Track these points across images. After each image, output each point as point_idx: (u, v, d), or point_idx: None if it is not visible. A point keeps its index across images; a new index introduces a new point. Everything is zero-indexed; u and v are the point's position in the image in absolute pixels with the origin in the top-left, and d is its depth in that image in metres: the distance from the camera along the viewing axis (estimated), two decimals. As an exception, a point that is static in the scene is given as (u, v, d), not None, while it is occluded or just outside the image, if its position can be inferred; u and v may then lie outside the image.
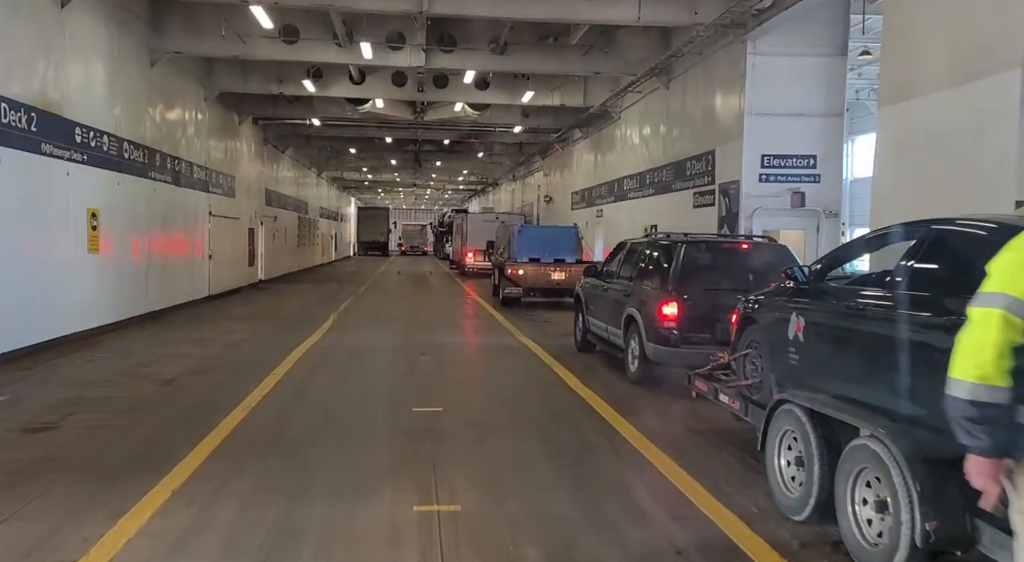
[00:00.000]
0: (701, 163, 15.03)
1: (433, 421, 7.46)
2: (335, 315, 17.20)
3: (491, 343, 14.14)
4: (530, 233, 22.32)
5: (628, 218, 20.16)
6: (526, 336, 14.54)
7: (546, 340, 13.99)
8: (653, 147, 18.43)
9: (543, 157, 32.95)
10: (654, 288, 9.40)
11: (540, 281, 20.05)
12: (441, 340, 14.08)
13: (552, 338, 14.25)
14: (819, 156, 13.13)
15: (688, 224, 14.70)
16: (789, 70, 13.00)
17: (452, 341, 14.46)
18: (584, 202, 25.56)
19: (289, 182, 34.01)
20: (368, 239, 65.28)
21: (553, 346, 13.03)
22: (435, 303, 22.59)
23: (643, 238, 11.59)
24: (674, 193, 16.67)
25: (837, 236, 13.13)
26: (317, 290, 26.04)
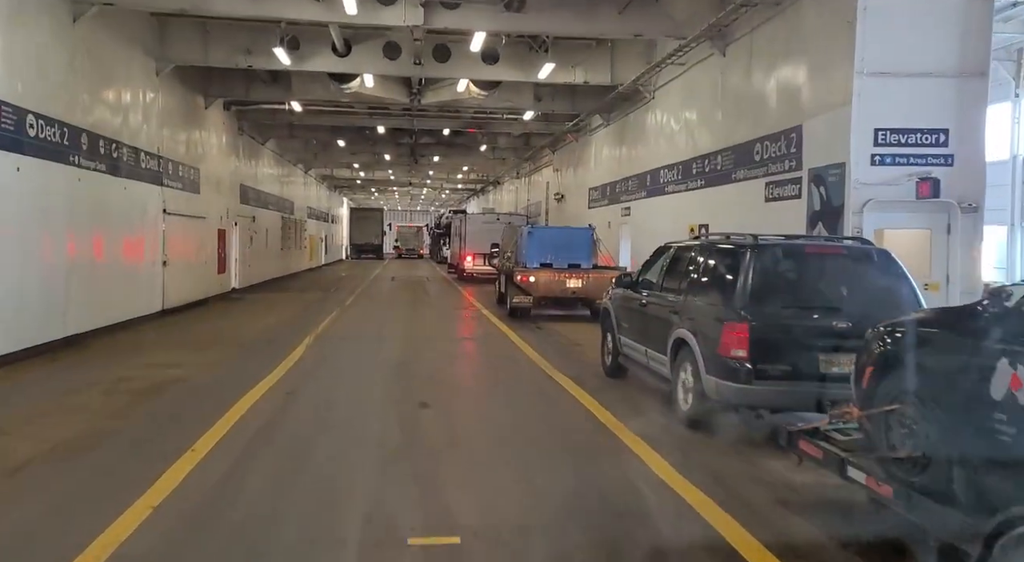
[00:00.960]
0: (779, 144, 11.69)
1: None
2: (311, 337, 13.83)
3: (508, 375, 10.92)
4: (542, 235, 19.38)
5: (666, 216, 16.83)
6: (545, 358, 12.01)
7: (567, 362, 11.72)
8: (702, 130, 15.09)
9: (553, 151, 29.63)
10: (715, 306, 7.47)
11: (554, 289, 17.56)
12: (445, 375, 10.80)
13: (574, 359, 12.07)
14: (952, 130, 9.80)
15: (757, 222, 11.38)
16: (913, 14, 9.68)
17: (460, 376, 11.11)
18: (605, 199, 22.23)
19: (271, 179, 30.62)
20: (361, 241, 62.08)
21: (578, 371, 10.68)
22: (434, 317, 19.22)
23: (692, 241, 9.72)
24: (734, 184, 13.34)
25: (976, 237, 9.81)
26: (298, 301, 22.65)
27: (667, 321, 8.07)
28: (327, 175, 45.82)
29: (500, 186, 47.68)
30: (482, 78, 18.46)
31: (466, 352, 13.37)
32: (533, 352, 12.70)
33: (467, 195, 63.14)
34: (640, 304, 9.04)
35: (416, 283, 32.67)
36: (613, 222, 21.23)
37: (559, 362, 11.51)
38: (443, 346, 13.70)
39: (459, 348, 13.78)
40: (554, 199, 29.49)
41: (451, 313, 20.84)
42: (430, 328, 16.40)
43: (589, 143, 24.47)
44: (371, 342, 13.75)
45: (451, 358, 12.29)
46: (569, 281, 17.66)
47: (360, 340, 14.16)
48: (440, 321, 18.32)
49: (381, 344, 13.53)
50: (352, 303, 21.94)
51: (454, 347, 13.87)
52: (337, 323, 16.54)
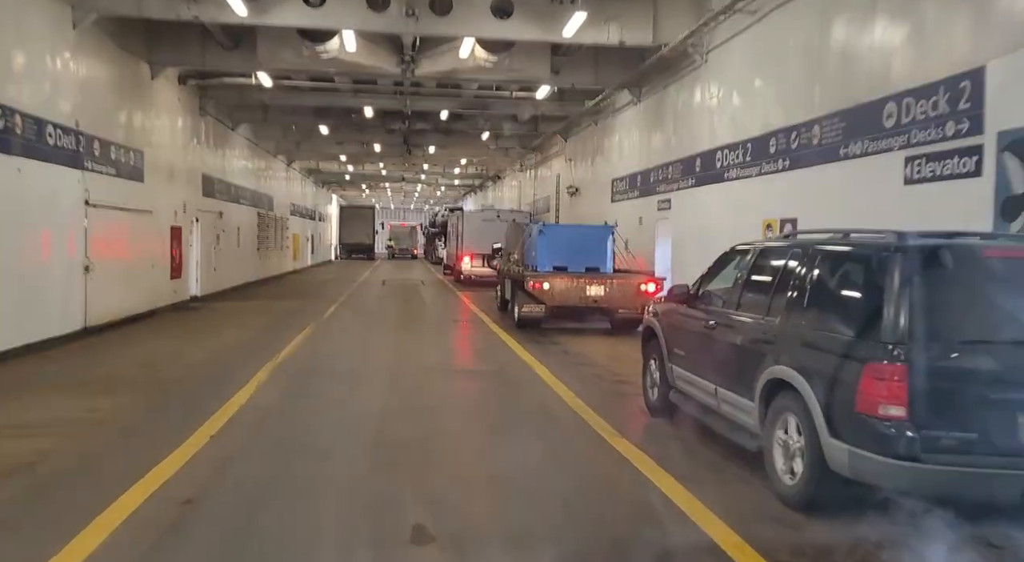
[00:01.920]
0: (933, 101, 8.09)
1: None
2: (267, 371, 10.22)
3: (549, 449, 7.04)
4: (555, 234, 16.53)
5: (725, 209, 13.28)
6: (570, 388, 9.53)
7: (594, 392, 9.41)
8: (785, 95, 11.50)
9: (566, 138, 26.02)
10: (844, 336, 5.07)
11: (572, 298, 14.97)
12: (453, 449, 7.11)
13: (603, 388, 9.83)
14: None
15: (888, 214, 7.88)
16: None
17: (475, 452, 7.27)
18: (634, 191, 18.62)
19: (244, 170, 26.94)
20: (351, 241, 58.52)
21: (612, 408, 8.45)
22: (431, 335, 15.56)
23: (781, 240, 7.39)
24: (842, 163, 9.75)
25: None
26: (269, 311, 18.99)
27: (754, 353, 5.89)
28: (313, 169, 42.14)
29: (501, 181, 44.06)
30: (491, 37, 14.83)
31: (478, 398, 9.68)
32: (552, 377, 9.98)
33: (464, 192, 59.52)
34: (705, 326, 6.78)
35: (409, 288, 29.04)
36: (647, 218, 17.63)
37: (586, 391, 9.13)
38: (445, 386, 10.07)
39: (467, 389, 10.12)
40: (566, 193, 25.88)
41: (451, 328, 17.23)
42: (427, 353, 12.77)
43: (612, 127, 20.87)
44: (345, 380, 10.10)
45: (459, 413, 8.63)
46: (590, 288, 15.01)
47: (331, 376, 10.51)
48: (438, 341, 14.69)
49: (358, 385, 9.87)
50: (333, 314, 18.29)
51: (460, 387, 10.21)
52: (307, 345, 12.90)
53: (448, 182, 51.42)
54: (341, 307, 20.43)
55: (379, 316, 18.58)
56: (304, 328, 14.95)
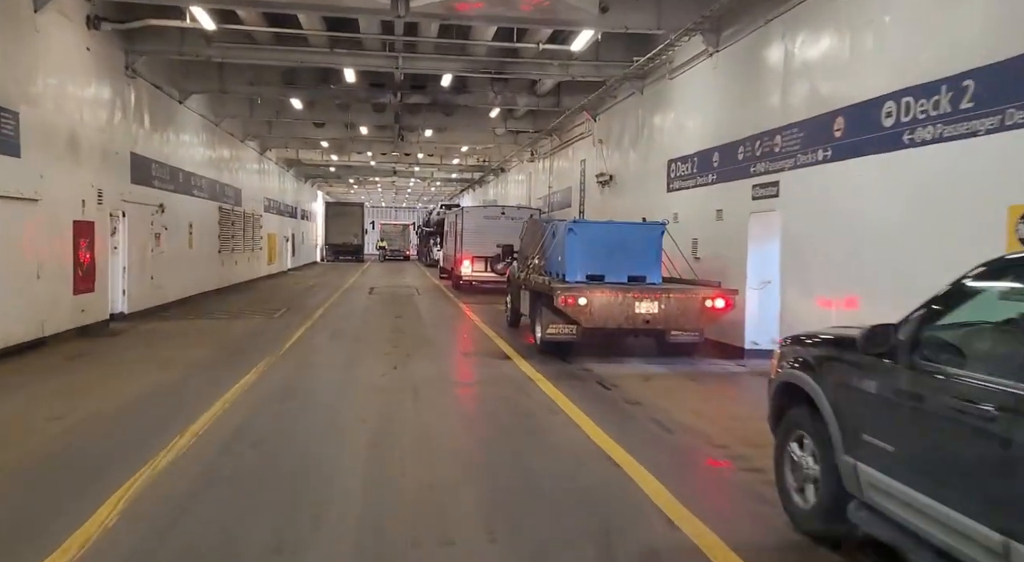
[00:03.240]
0: None
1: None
2: (134, 490, 5.25)
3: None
4: (591, 234, 12.72)
5: (902, 192, 8.41)
6: (691, 509, 5.12)
7: (689, 480, 5.79)
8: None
9: (594, 116, 21.13)
10: None
11: (615, 317, 11.35)
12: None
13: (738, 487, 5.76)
14: None
15: None
16: None
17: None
18: (708, 174, 13.71)
19: (199, 154, 21.96)
20: (338, 241, 53.79)
21: (739, 524, 4.84)
22: (432, 379, 10.50)
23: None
24: None
25: None
26: (213, 337, 14.08)
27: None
28: (292, 160, 37.14)
29: (504, 175, 39.11)
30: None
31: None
32: (620, 451, 5.88)
33: (461, 188, 54.56)
34: (966, 412, 3.49)
35: (402, 298, 24.09)
36: (732, 210, 12.76)
37: (679, 480, 5.12)
38: (484, 521, 5.13)
39: (521, 520, 5.19)
40: (595, 183, 20.98)
41: (458, 362, 12.27)
42: (427, 424, 7.80)
43: (667, 92, 15.96)
44: (288, 509, 5.15)
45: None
46: (640, 304, 11.34)
47: (260, 495, 5.54)
48: (443, 390, 9.70)
49: (311, 526, 4.95)
50: (300, 340, 13.35)
51: (513, 519, 5.27)
52: (241, 408, 7.92)
53: (445, 176, 46.45)
54: (313, 328, 15.49)
55: (360, 344, 13.65)
56: (250, 370, 10.02)
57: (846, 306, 9.29)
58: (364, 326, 16.22)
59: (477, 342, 14.18)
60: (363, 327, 16.04)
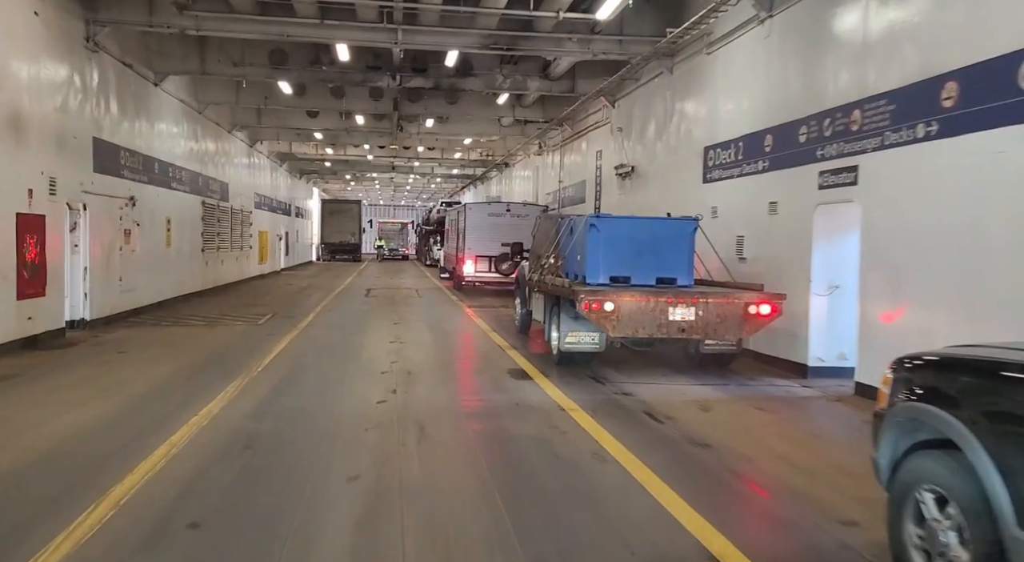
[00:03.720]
0: None
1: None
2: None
3: None
4: (615, 230, 10.98)
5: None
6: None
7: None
8: None
9: (613, 102, 19.22)
10: None
11: (647, 324, 9.87)
12: None
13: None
14: None
15: None
16: None
17: None
18: (757, 160, 11.79)
19: (179, 144, 20.02)
20: (335, 240, 51.91)
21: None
22: (438, 388, 8.57)
23: None
24: None
25: None
26: (185, 350, 12.18)
27: None
28: (285, 154, 35.16)
29: (508, 170, 37.17)
30: None
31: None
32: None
33: (462, 186, 52.64)
34: None
35: (401, 301, 22.16)
36: (790, 203, 10.85)
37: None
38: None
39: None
40: (614, 176, 19.07)
41: (468, 382, 10.30)
42: (438, 487, 5.85)
43: (705, 69, 14.04)
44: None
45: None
46: (675, 310, 9.90)
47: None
48: (454, 426, 7.73)
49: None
50: (283, 354, 11.39)
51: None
52: (186, 464, 5.96)
53: (445, 171, 44.49)
54: (301, 336, 13.58)
55: (354, 357, 11.73)
56: (215, 398, 8.10)
57: (956, 320, 7.39)
58: (358, 335, 14.31)
59: (488, 354, 12.28)
60: (357, 336, 14.13)
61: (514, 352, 12.15)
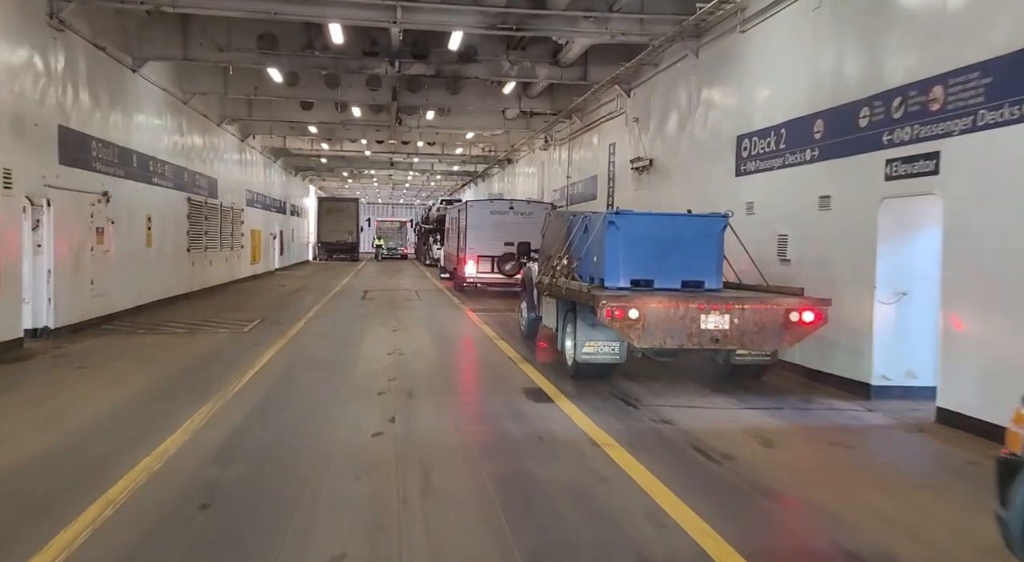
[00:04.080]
0: None
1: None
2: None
3: None
4: (636, 228, 9.87)
5: None
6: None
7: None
8: None
9: (628, 91, 17.83)
10: None
11: (676, 333, 8.72)
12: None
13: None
14: None
15: None
16: None
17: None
18: (804, 149, 10.39)
19: (162, 135, 18.63)
20: (332, 239, 50.56)
21: None
22: (445, 414, 7.18)
23: None
24: None
25: None
26: (155, 362, 10.82)
27: None
28: (279, 149, 33.77)
29: (512, 166, 35.78)
30: None
31: None
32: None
33: (462, 183, 51.24)
34: None
35: (400, 304, 20.77)
36: (847, 197, 9.47)
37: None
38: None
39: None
40: (630, 170, 17.68)
41: (478, 406, 8.87)
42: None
43: (738, 50, 12.66)
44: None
45: None
46: (707, 318, 8.76)
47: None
48: (467, 469, 6.32)
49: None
50: (262, 373, 9.96)
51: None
52: (119, 532, 4.60)
53: (445, 168, 43.08)
54: (289, 347, 12.18)
55: (347, 372, 10.35)
56: (178, 428, 6.73)
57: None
58: (353, 345, 12.93)
59: (498, 369, 10.90)
60: (351, 347, 12.75)
61: (527, 366, 10.79)
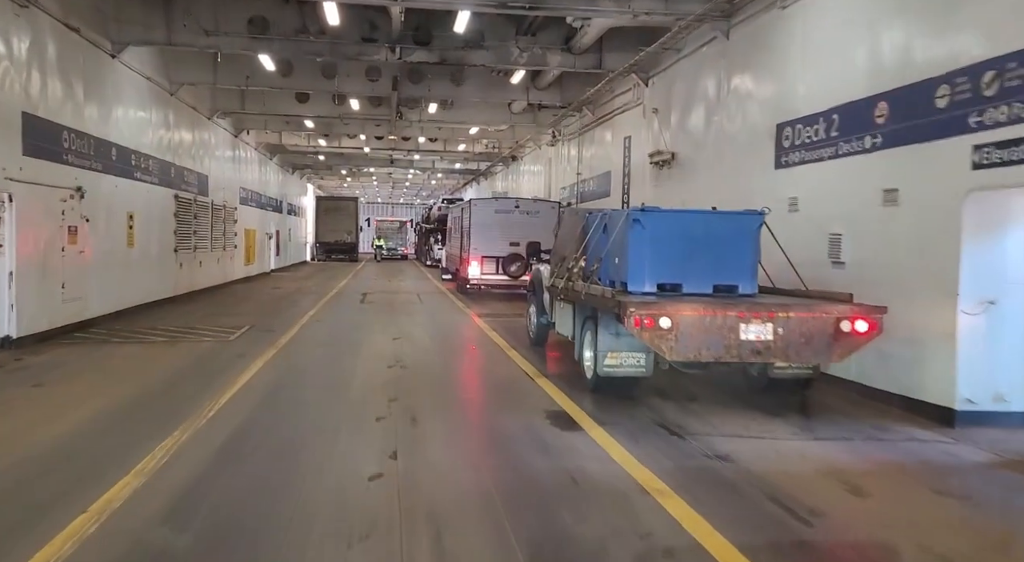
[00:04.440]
0: None
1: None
2: None
3: None
4: (663, 226, 8.87)
5: None
6: None
7: None
8: None
9: (645, 80, 16.57)
10: None
11: (714, 346, 7.69)
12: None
13: None
14: None
15: None
16: None
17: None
18: (861, 137, 9.11)
19: (144, 128, 17.35)
20: (330, 239, 49.32)
21: None
22: (456, 449, 5.90)
23: None
24: None
25: None
26: (124, 378, 9.57)
27: None
28: (275, 145, 32.46)
29: (516, 163, 34.51)
30: None
31: None
32: None
33: (464, 182, 49.97)
34: None
35: (400, 307, 19.50)
36: (919, 190, 8.20)
37: None
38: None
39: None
40: (648, 164, 16.41)
41: (494, 436, 7.52)
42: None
43: (777, 28, 11.39)
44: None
45: None
46: (748, 327, 7.75)
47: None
48: (491, 531, 5.06)
49: None
50: (243, 393, 8.67)
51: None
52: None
53: (447, 166, 41.79)
54: (278, 358, 10.91)
55: (340, 393, 9.08)
56: (138, 462, 5.49)
57: None
58: (348, 357, 11.66)
59: (513, 385, 9.63)
60: (347, 359, 11.49)
61: (544, 382, 9.54)
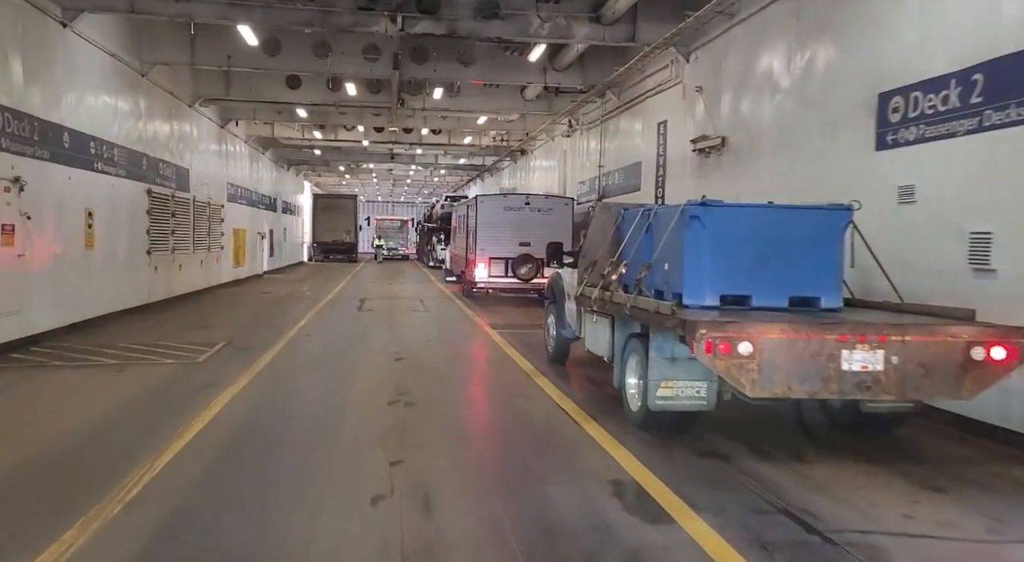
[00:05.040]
0: None
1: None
2: None
3: None
4: (733, 225, 7.04)
5: None
6: None
7: None
8: None
9: (686, 55, 14.31)
10: None
11: (810, 378, 5.96)
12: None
13: None
14: None
15: None
16: None
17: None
18: (1019, 103, 6.86)
19: (108, 112, 15.12)
20: (328, 239, 47.30)
21: None
22: (482, 526, 3.67)
23: None
24: None
25: None
26: (37, 424, 7.26)
27: None
28: (267, 138, 30.21)
29: (525, 158, 32.26)
30: None
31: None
32: None
33: (469, 178, 47.73)
34: None
35: (402, 316, 17.24)
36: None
37: None
38: None
39: None
40: (690, 152, 14.14)
41: (528, 503, 5.21)
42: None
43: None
44: None
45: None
46: (852, 355, 5.98)
47: None
48: None
49: None
50: (192, 447, 6.38)
51: None
52: None
53: (450, 162, 39.50)
54: (252, 388, 8.64)
55: (330, 435, 6.84)
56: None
57: None
58: (340, 386, 9.41)
59: (555, 434, 7.34)
60: (338, 389, 9.24)
61: (594, 427, 7.30)
